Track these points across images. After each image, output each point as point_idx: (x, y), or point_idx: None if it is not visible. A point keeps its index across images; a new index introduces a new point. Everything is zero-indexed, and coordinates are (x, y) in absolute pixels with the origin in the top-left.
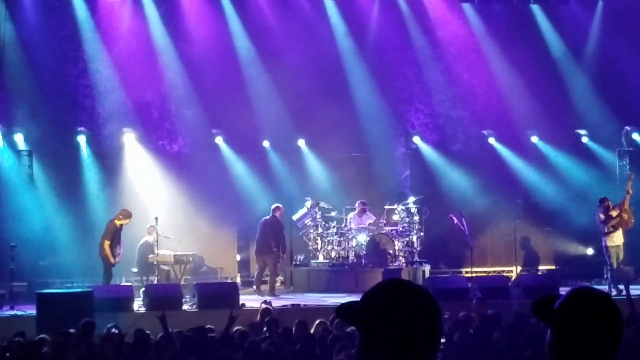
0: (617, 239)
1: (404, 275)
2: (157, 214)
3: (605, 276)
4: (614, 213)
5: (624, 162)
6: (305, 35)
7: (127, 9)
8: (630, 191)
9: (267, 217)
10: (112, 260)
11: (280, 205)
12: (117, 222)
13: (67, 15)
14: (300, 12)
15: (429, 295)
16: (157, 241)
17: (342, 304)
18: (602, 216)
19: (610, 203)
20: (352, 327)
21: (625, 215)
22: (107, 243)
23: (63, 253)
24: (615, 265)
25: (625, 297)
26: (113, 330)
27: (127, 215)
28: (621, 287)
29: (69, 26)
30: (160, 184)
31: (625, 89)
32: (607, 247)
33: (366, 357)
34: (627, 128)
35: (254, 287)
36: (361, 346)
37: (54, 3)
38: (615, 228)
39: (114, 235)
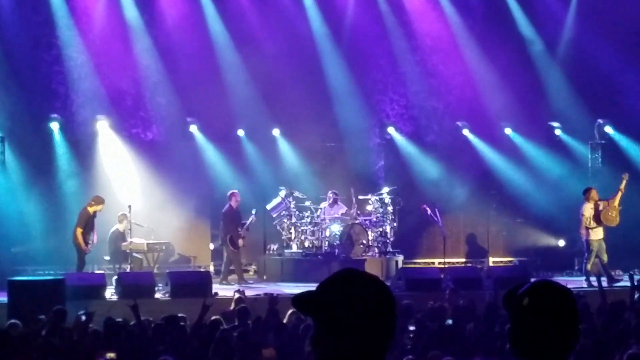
0: (600, 232)
1: (376, 266)
2: (131, 202)
3: (577, 267)
4: (602, 205)
5: (597, 155)
6: (282, 24)
7: None
8: (623, 190)
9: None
10: (83, 248)
11: (236, 192)
12: (90, 209)
13: (41, 1)
14: (277, 1)
15: (383, 285)
16: (130, 229)
17: (298, 294)
18: (591, 211)
19: (596, 194)
20: None
21: (613, 213)
22: (79, 230)
23: (35, 240)
24: (605, 259)
25: (598, 289)
26: (82, 316)
27: (100, 201)
28: (593, 278)
29: (42, 12)
30: (134, 172)
31: (599, 82)
32: (589, 240)
33: (321, 346)
34: (600, 121)
35: (220, 277)
36: (316, 335)
37: None
38: (599, 223)
39: (87, 222)
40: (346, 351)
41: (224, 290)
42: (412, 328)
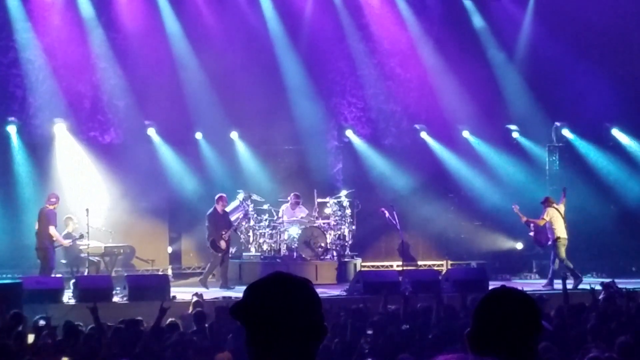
0: (563, 231)
1: (334, 269)
2: (88, 205)
3: (535, 270)
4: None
5: (554, 158)
6: (239, 27)
7: None
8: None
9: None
10: (65, 243)
11: (224, 195)
12: (52, 207)
13: None
14: (234, 3)
15: (309, 287)
16: (87, 232)
17: (233, 305)
18: (553, 213)
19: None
20: None
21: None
22: (52, 228)
23: None
24: (564, 256)
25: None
26: (41, 321)
27: (58, 198)
28: (558, 281)
29: None
30: (92, 175)
31: (556, 85)
32: (558, 238)
33: (253, 352)
34: (557, 124)
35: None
36: (248, 341)
37: None
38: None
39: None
40: (278, 355)
41: (182, 293)
42: (369, 332)
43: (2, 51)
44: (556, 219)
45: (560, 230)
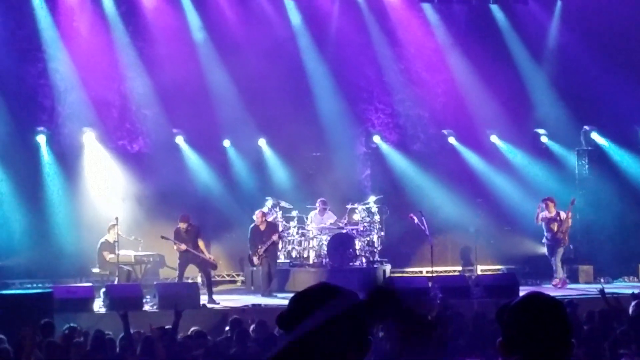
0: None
1: (363, 275)
2: (118, 214)
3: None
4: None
5: (583, 162)
6: (266, 35)
7: (87, 8)
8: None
9: None
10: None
11: (258, 211)
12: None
13: (26, 14)
14: (261, 11)
15: (356, 300)
16: (117, 241)
17: (279, 314)
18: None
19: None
20: None
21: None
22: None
23: (23, 253)
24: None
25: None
26: (68, 330)
27: (184, 219)
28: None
29: (27, 25)
30: (121, 184)
31: (584, 88)
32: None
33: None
34: (586, 127)
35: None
36: (286, 349)
37: (12, 2)
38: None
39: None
40: None
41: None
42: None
43: (30, 62)
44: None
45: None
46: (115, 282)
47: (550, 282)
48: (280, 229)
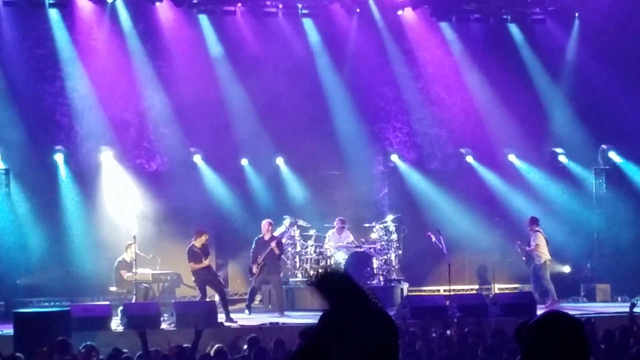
0: (548, 254)
1: (381, 294)
2: (135, 233)
3: (583, 294)
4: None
5: (601, 181)
6: (284, 53)
7: (104, 28)
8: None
9: None
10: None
11: (264, 221)
12: (196, 243)
13: (44, 33)
14: (279, 30)
15: (387, 318)
16: (135, 260)
17: (304, 330)
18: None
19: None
20: None
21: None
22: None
23: (41, 272)
24: (549, 278)
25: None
26: (85, 349)
27: (201, 233)
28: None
29: (45, 44)
30: (138, 202)
31: (602, 107)
32: (545, 261)
33: None
34: (604, 147)
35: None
36: None
37: (30, 21)
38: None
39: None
40: None
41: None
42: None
43: (48, 80)
44: (543, 243)
45: (547, 253)
46: (133, 301)
47: (568, 300)
48: (298, 248)
